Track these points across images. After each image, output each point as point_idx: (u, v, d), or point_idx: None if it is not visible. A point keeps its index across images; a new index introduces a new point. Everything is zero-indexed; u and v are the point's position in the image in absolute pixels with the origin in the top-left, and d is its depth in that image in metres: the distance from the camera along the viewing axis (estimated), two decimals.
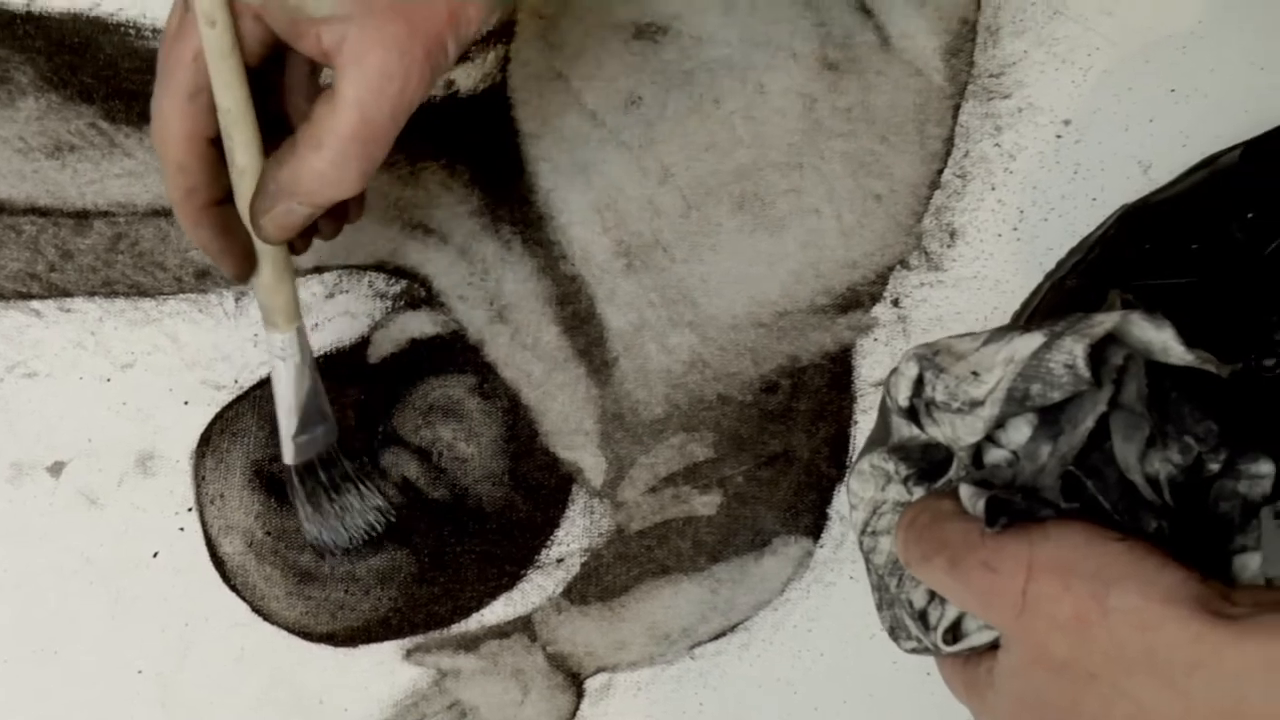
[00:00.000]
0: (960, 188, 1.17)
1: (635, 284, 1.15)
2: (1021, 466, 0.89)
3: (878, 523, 0.94)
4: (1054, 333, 0.87)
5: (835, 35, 1.20)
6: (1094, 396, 0.87)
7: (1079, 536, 0.82)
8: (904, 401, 0.92)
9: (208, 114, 0.94)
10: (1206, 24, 1.21)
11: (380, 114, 0.90)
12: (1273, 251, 1.08)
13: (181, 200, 0.96)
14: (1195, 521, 0.88)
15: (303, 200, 0.93)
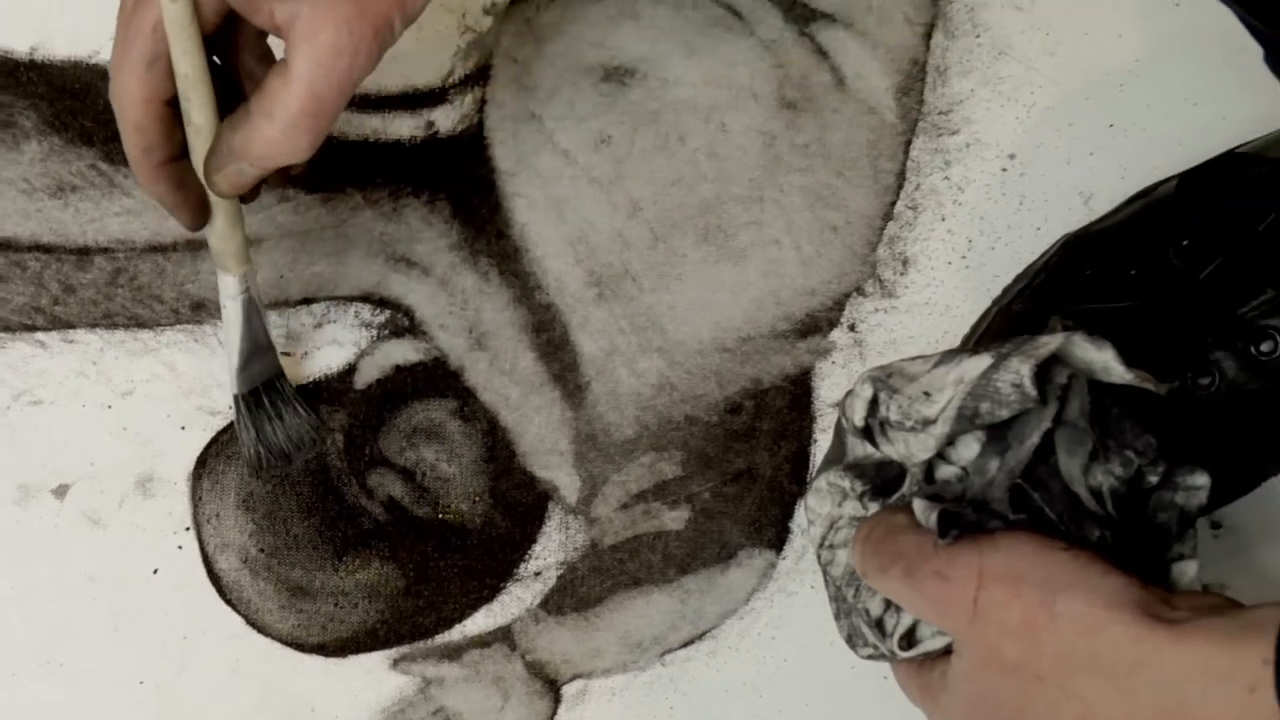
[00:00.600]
0: (912, 219, 1.19)
1: (606, 312, 1.15)
2: (971, 481, 0.90)
3: (835, 537, 0.95)
4: (1001, 354, 0.89)
5: (793, 76, 1.22)
6: (1040, 413, 0.88)
7: (1027, 546, 0.83)
8: (860, 421, 0.93)
9: (164, 79, 0.95)
10: (1143, 63, 1.22)
11: (329, 88, 0.91)
12: (1207, 276, 1.09)
13: (140, 157, 0.98)
14: (1135, 531, 0.90)
15: (253, 163, 0.95)
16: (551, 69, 1.19)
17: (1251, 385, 1.08)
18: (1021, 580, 0.82)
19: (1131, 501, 0.90)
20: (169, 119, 0.97)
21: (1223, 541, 1.11)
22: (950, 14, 1.24)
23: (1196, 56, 1.21)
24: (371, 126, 1.21)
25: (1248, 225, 1.10)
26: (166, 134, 0.97)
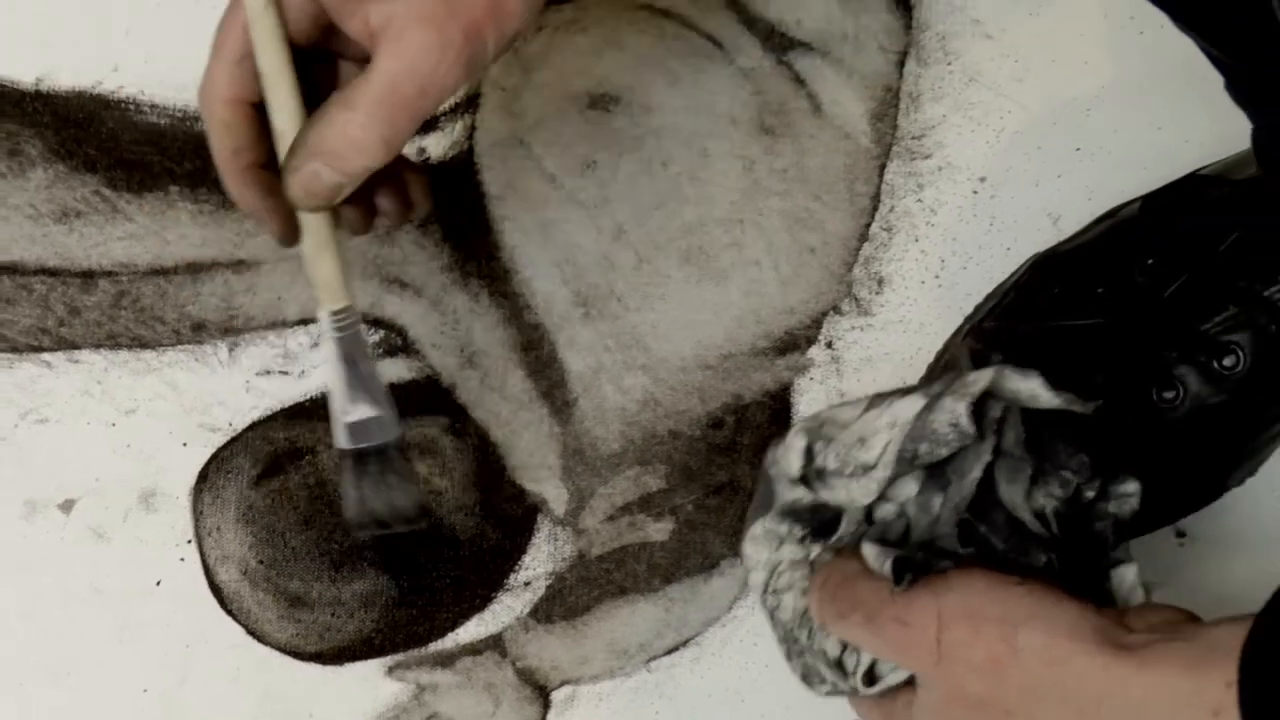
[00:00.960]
0: (887, 240, 1.19)
1: (593, 331, 1.16)
2: (917, 518, 0.91)
3: (778, 582, 0.95)
4: (933, 395, 0.90)
5: (771, 103, 1.22)
6: (978, 448, 0.89)
7: (981, 584, 0.84)
8: (796, 472, 0.93)
9: (253, 78, 0.90)
10: (1108, 89, 1.23)
11: (411, 86, 0.86)
12: (1172, 294, 1.11)
13: (228, 159, 0.92)
14: (1079, 545, 0.91)
15: (328, 161, 0.87)
16: (539, 97, 1.19)
17: (1214, 399, 1.09)
18: (981, 618, 0.82)
19: (1072, 518, 0.91)
20: (257, 123, 0.92)
21: (1187, 550, 1.12)
22: (922, 42, 1.25)
23: (1160, 83, 1.22)
24: None
25: (1210, 245, 1.11)
26: (255, 136, 0.92)
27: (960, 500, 0.90)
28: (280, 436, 1.14)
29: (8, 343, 1.15)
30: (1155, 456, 1.09)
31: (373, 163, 0.88)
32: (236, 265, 1.17)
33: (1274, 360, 1.10)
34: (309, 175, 0.88)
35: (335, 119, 0.86)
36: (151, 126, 1.20)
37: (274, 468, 1.13)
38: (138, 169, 1.19)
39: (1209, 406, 1.10)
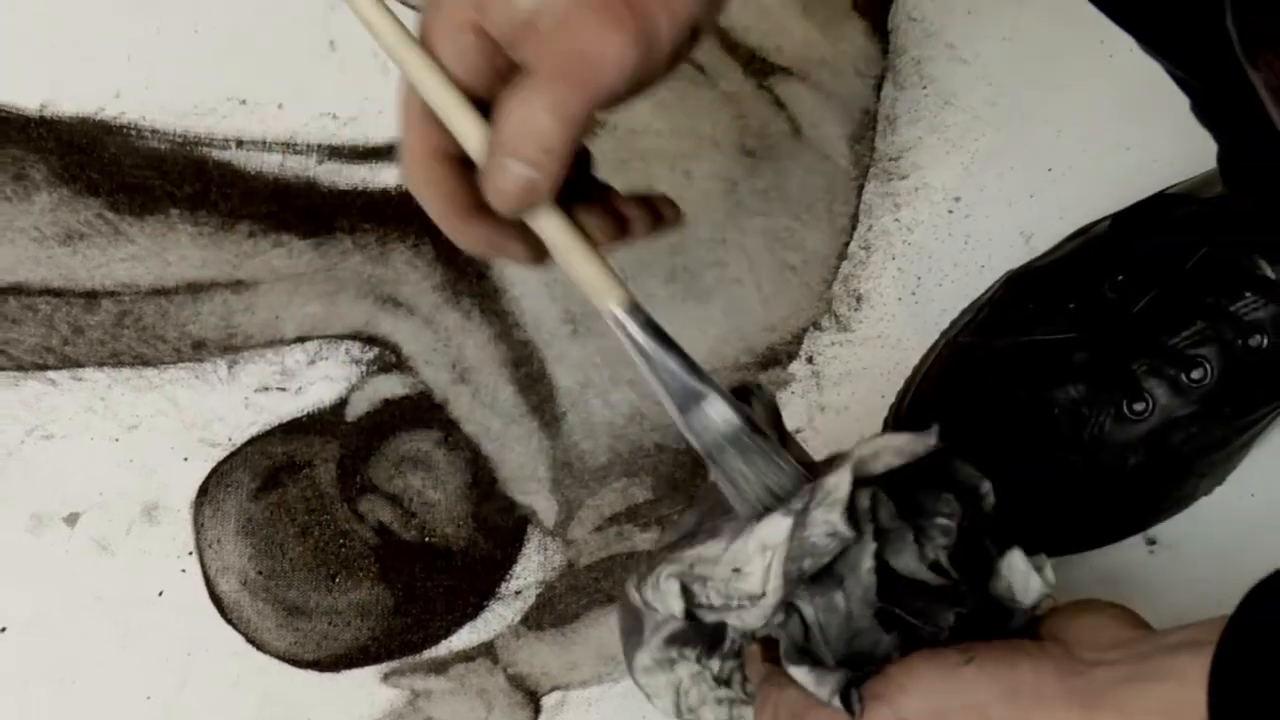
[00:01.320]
0: (865, 258, 1.20)
1: (581, 348, 1.17)
2: (826, 621, 0.88)
3: (688, 699, 0.92)
4: (796, 511, 0.84)
5: (752, 126, 1.23)
6: (860, 546, 0.86)
7: (931, 675, 0.82)
8: (680, 612, 0.88)
9: (439, 131, 0.82)
10: (1079, 111, 1.24)
11: (580, 65, 0.78)
12: (1141, 309, 1.12)
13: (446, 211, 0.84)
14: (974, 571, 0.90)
15: (511, 153, 0.80)
16: None
17: (1183, 411, 1.10)
18: (946, 713, 0.81)
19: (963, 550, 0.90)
20: (460, 168, 0.83)
21: (1158, 557, 1.13)
22: (899, 67, 1.26)
23: (1128, 105, 1.23)
24: (360, 176, 1.22)
25: (1178, 261, 1.12)
26: (460, 180, 0.83)
27: (865, 591, 0.87)
28: (278, 451, 1.15)
29: (13, 361, 1.15)
30: (1126, 467, 1.10)
31: (553, 145, 0.79)
32: (235, 285, 1.18)
33: (1239, 373, 1.11)
34: (498, 174, 0.80)
35: (506, 109, 0.79)
36: (152, 151, 1.22)
37: (272, 481, 1.14)
38: (139, 192, 1.20)
39: (1177, 418, 1.10)
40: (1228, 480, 1.15)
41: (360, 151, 1.23)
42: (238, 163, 1.22)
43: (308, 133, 1.24)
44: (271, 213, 1.21)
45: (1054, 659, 0.79)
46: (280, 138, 1.24)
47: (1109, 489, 1.01)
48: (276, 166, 1.23)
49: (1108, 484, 1.00)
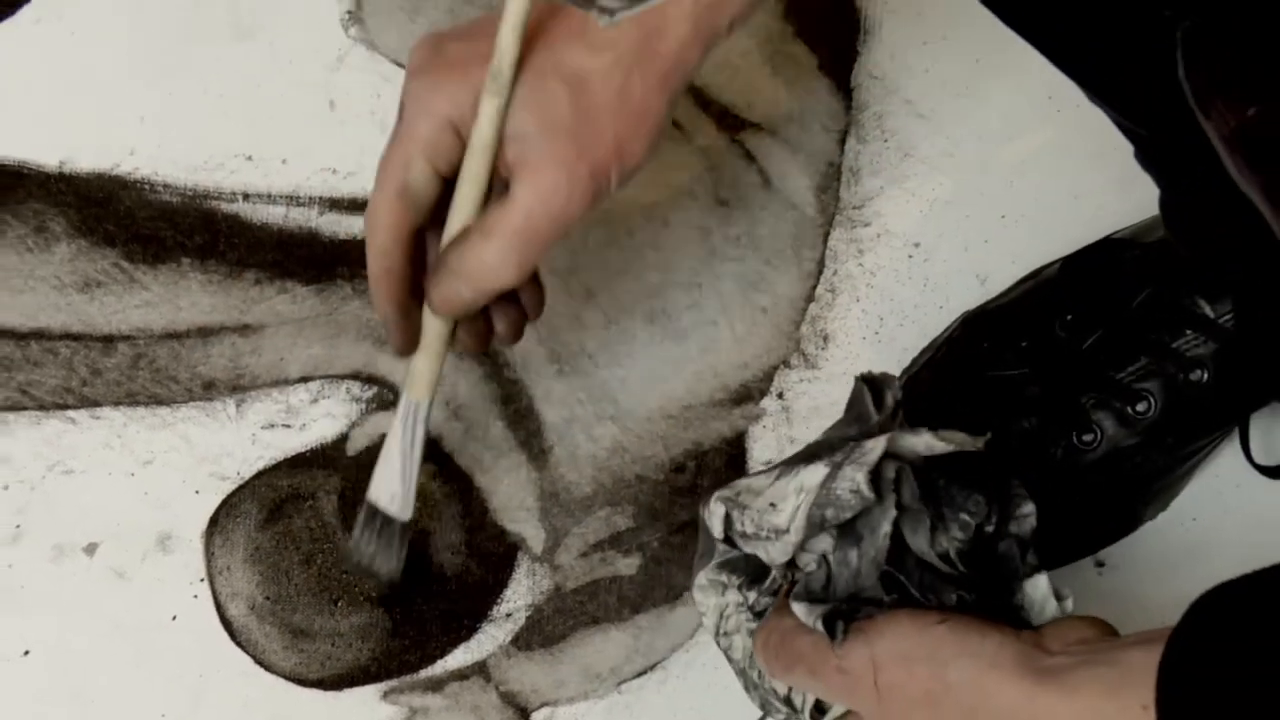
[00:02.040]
0: (831, 300, 1.21)
1: (566, 385, 1.17)
2: (838, 572, 0.90)
3: (726, 624, 0.95)
4: (835, 464, 0.90)
5: (725, 177, 1.24)
6: (883, 507, 0.89)
7: (908, 626, 0.84)
8: (719, 535, 0.93)
9: (411, 210, 0.92)
10: (1029, 161, 1.25)
11: (543, 218, 0.88)
12: (1089, 347, 1.13)
13: (380, 277, 0.94)
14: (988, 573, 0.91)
15: (467, 282, 0.91)
16: None
17: (1128, 441, 1.11)
18: (912, 659, 0.82)
19: (978, 550, 0.91)
20: (411, 249, 0.94)
21: (1106, 578, 1.14)
22: (861, 121, 1.27)
23: (1076, 156, 1.24)
24: (359, 226, 1.21)
25: (1123, 302, 1.13)
26: (405, 260, 0.94)
27: (877, 553, 0.90)
28: (284, 484, 1.14)
29: (35, 401, 1.15)
30: (1075, 494, 1.11)
31: (504, 285, 0.90)
32: (243, 329, 1.18)
33: (1181, 406, 1.11)
34: (449, 290, 0.91)
35: (474, 243, 0.89)
36: (165, 204, 1.22)
37: (278, 512, 1.13)
38: (153, 243, 1.20)
39: (1124, 448, 1.11)
40: (1171, 506, 1.16)
41: (359, 204, 1.23)
42: (244, 215, 1.22)
43: (310, 186, 1.24)
44: (276, 261, 1.21)
45: (1021, 642, 0.80)
46: (284, 191, 1.23)
47: (1062, 514, 0.99)
48: (281, 218, 1.22)
49: (1060, 509, 0.99)
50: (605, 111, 0.89)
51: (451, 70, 0.91)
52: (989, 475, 0.93)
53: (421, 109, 0.91)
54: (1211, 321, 1.11)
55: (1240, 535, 1.15)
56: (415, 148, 0.91)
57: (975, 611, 0.86)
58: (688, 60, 0.91)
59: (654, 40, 0.90)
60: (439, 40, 0.93)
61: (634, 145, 0.90)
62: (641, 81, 0.90)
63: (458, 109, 0.90)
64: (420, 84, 0.92)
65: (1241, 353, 1.12)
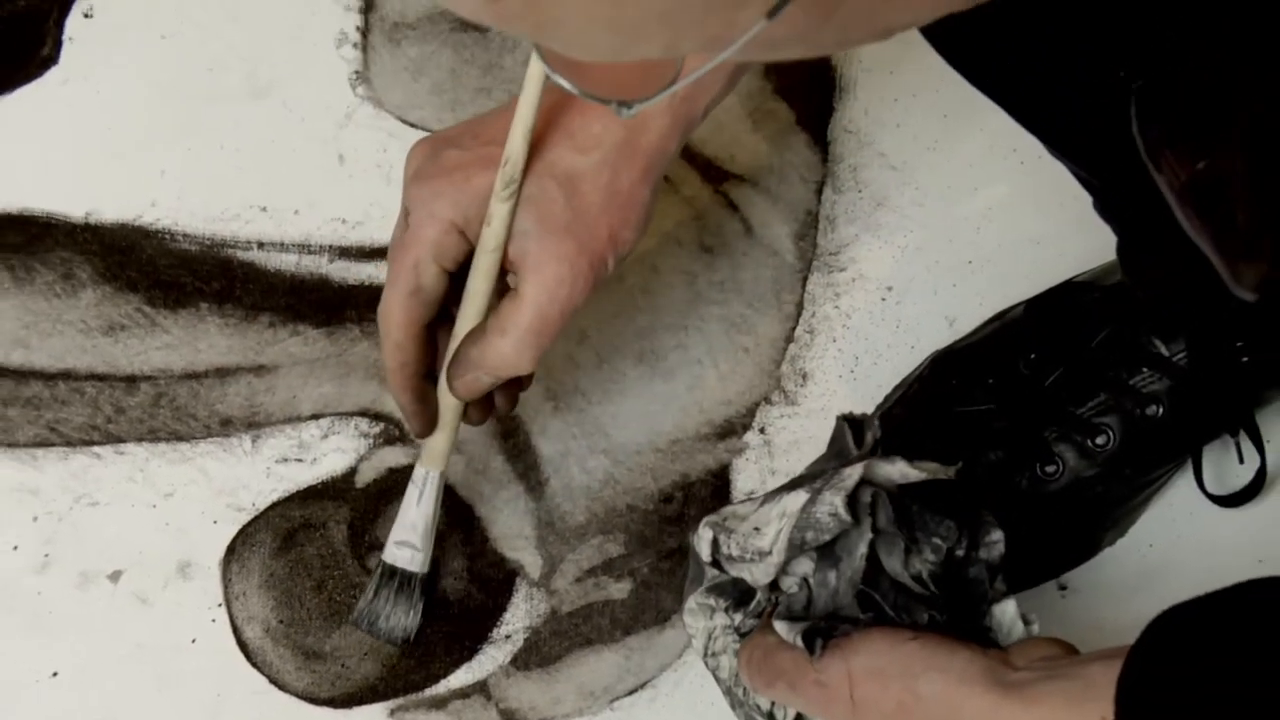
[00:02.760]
0: (809, 341, 1.22)
1: (561, 421, 1.18)
2: (817, 593, 0.91)
3: (714, 645, 0.96)
4: (815, 490, 0.90)
5: (710, 226, 1.25)
6: (859, 530, 0.89)
7: (882, 643, 0.84)
8: (707, 558, 0.94)
9: (422, 307, 0.96)
10: (995, 210, 1.26)
11: (553, 312, 0.93)
12: (1051, 384, 1.13)
13: (396, 369, 0.99)
14: (958, 595, 0.92)
15: (487, 372, 0.96)
16: None
17: (1089, 472, 1.12)
18: (886, 674, 0.82)
19: (949, 574, 0.92)
20: (424, 341, 0.98)
21: (1068, 600, 1.14)
22: (837, 173, 1.27)
23: (1038, 205, 1.24)
24: (367, 273, 1.23)
25: (1083, 341, 1.14)
26: (420, 353, 0.99)
27: (854, 574, 0.90)
28: (296, 514, 1.14)
29: (63, 437, 1.16)
30: (1038, 522, 1.11)
31: (521, 373, 0.96)
32: (258, 369, 1.19)
33: (1138, 439, 1.12)
34: (472, 380, 0.97)
35: (492, 340, 0.94)
36: (184, 253, 1.22)
37: (291, 541, 1.13)
38: (173, 289, 1.21)
39: (1084, 479, 1.12)
40: (1129, 533, 1.16)
41: (366, 251, 1.24)
42: (259, 262, 1.23)
43: (320, 235, 1.25)
44: (289, 305, 1.21)
45: (988, 659, 0.80)
46: (296, 240, 1.24)
47: (1026, 540, 0.99)
48: (293, 265, 1.23)
49: (1025, 536, 0.98)
50: (597, 207, 0.93)
51: (451, 177, 0.94)
52: (960, 503, 0.93)
53: (427, 214, 0.95)
54: (1166, 360, 1.11)
55: (1194, 560, 1.14)
56: (424, 251, 0.95)
57: (946, 631, 0.86)
58: (667, 149, 0.95)
59: (636, 135, 0.93)
60: (435, 146, 0.97)
61: (625, 233, 0.94)
62: (627, 175, 0.94)
63: (461, 213, 0.94)
64: (423, 190, 0.95)
65: (1194, 389, 1.11)
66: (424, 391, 1.00)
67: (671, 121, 0.95)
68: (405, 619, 1.07)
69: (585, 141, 0.94)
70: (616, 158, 0.94)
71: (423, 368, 1.00)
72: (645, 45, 0.53)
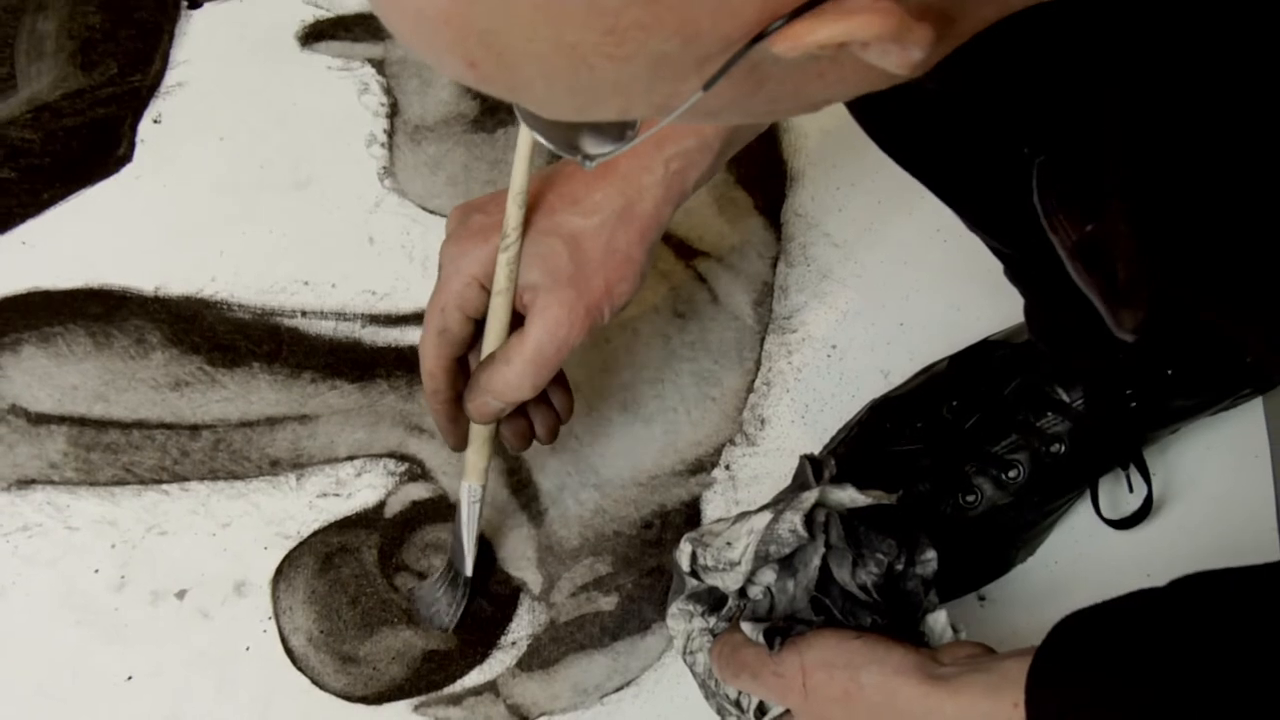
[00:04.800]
0: (766, 391, 1.22)
1: (558, 460, 1.17)
2: (778, 598, 0.92)
3: (692, 645, 0.96)
4: (778, 510, 0.91)
5: (682, 295, 1.25)
6: (814, 545, 0.91)
7: (831, 639, 0.85)
8: (687, 568, 0.95)
9: (450, 345, 0.97)
10: (922, 281, 1.26)
11: (550, 349, 0.93)
12: (970, 426, 1.13)
13: (430, 395, 1.00)
14: (896, 604, 0.92)
15: (494, 396, 0.96)
16: None
17: (1003, 501, 1.12)
18: (833, 666, 0.83)
19: (889, 585, 0.93)
20: (453, 373, 0.99)
21: (986, 609, 1.14)
22: (789, 250, 1.28)
23: (959, 274, 1.25)
24: (392, 337, 1.23)
25: (998, 390, 1.14)
26: (450, 382, 0.99)
27: (809, 582, 0.92)
28: (334, 541, 1.14)
29: (137, 477, 1.16)
30: (961, 542, 1.10)
31: (523, 398, 0.96)
32: (302, 418, 1.19)
33: (1044, 472, 1.12)
34: (481, 403, 0.97)
35: (499, 368, 0.95)
36: (239, 320, 1.23)
37: (329, 563, 1.13)
38: (229, 351, 1.21)
39: (999, 506, 1.12)
40: (1037, 552, 1.16)
41: (393, 319, 1.24)
42: (302, 328, 1.23)
43: (353, 305, 1.25)
44: (328, 364, 1.21)
45: (920, 655, 0.81)
46: (333, 309, 1.24)
47: (950, 559, 0.98)
48: (331, 330, 1.23)
49: (949, 555, 0.97)
50: (595, 263, 0.93)
51: (474, 238, 0.95)
52: (899, 525, 0.94)
53: (454, 269, 0.95)
54: (1067, 405, 1.11)
55: (1092, 575, 1.14)
56: (451, 300, 0.96)
57: (885, 632, 0.87)
58: (662, 217, 0.95)
59: (634, 203, 0.93)
60: (465, 212, 0.97)
61: (621, 287, 0.94)
62: (624, 237, 0.94)
63: (483, 268, 0.94)
64: (452, 249, 0.96)
65: (1090, 430, 1.12)
66: (455, 413, 1.01)
67: (665, 193, 0.95)
68: (445, 609, 1.09)
69: (588, 207, 0.94)
70: (615, 222, 0.94)
71: (453, 394, 1.00)
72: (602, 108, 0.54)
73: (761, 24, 0.49)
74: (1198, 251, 0.57)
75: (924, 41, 0.50)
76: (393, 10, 0.51)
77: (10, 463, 1.15)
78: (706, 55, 0.50)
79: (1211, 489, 1.18)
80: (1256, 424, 1.20)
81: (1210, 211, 0.55)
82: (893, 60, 0.51)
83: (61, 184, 1.27)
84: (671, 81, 0.52)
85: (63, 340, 1.20)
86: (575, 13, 0.48)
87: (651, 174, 0.94)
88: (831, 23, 0.48)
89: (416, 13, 0.50)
